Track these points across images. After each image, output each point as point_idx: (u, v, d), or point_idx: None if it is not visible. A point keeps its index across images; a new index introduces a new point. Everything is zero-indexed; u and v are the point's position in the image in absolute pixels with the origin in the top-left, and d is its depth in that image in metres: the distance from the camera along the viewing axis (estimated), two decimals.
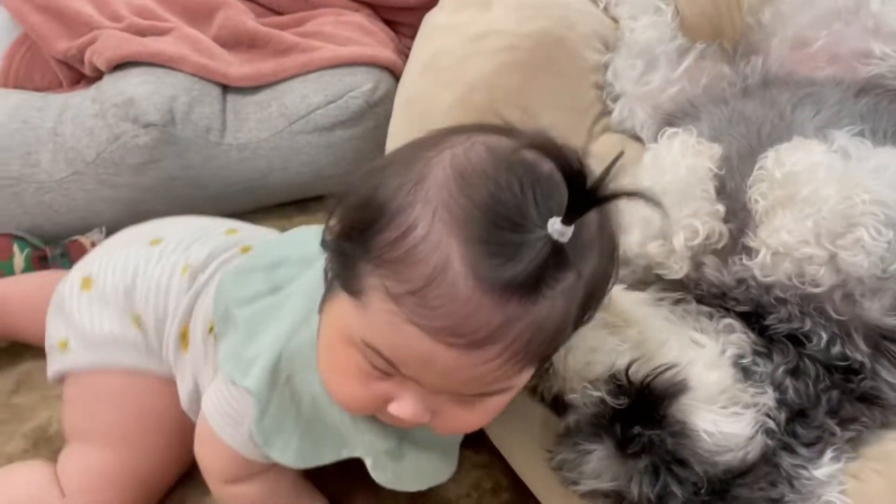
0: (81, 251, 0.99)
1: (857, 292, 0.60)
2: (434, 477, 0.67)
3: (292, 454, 0.62)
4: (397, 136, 0.91)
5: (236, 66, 1.10)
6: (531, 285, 0.45)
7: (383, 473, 0.64)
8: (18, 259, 0.96)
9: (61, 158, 1.02)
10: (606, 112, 0.94)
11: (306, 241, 0.65)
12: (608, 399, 0.59)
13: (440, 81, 0.87)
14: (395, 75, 1.08)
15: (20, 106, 1.06)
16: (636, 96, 0.93)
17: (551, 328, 0.48)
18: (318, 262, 0.59)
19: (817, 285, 0.60)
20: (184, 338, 0.71)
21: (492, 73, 0.85)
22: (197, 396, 0.70)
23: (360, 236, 0.49)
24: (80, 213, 1.03)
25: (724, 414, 0.57)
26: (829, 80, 0.80)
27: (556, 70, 0.90)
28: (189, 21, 1.17)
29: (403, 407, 0.52)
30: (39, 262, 0.98)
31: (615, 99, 0.95)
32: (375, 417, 0.59)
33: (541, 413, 0.69)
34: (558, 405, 0.65)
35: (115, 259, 0.76)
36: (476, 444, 0.76)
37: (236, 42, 1.14)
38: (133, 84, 1.03)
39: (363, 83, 1.08)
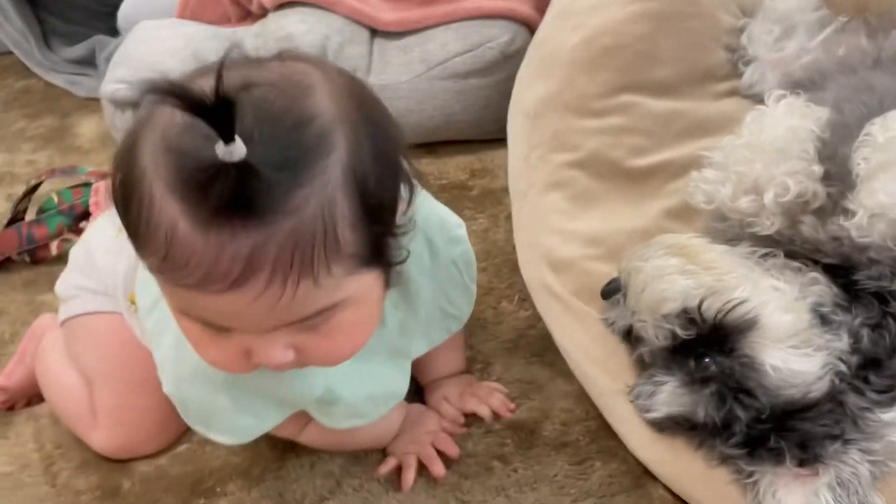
0: None
1: None
2: (381, 405, 0.70)
3: (236, 432, 0.67)
4: (523, 79, 0.97)
5: (386, 13, 1.18)
6: (244, 208, 0.45)
7: (328, 419, 0.68)
8: None
9: None
10: (737, 75, 0.95)
11: None
12: (680, 332, 0.63)
13: (569, 24, 0.91)
14: (532, 30, 1.13)
15: (195, 36, 1.19)
16: (769, 61, 0.94)
17: (311, 232, 0.47)
18: None
19: None
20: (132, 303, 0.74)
21: (622, 19, 0.89)
22: None
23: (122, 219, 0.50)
24: None
25: (793, 353, 0.60)
26: None
27: (687, 26, 0.92)
28: None
29: (261, 356, 0.53)
30: None
31: (747, 63, 0.95)
32: (294, 372, 0.60)
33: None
34: (630, 337, 0.69)
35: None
36: (570, 377, 0.82)
37: None
38: (292, 22, 1.14)
39: (500, 35, 1.13)
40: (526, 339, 0.89)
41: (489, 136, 1.16)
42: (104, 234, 0.77)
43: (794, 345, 0.61)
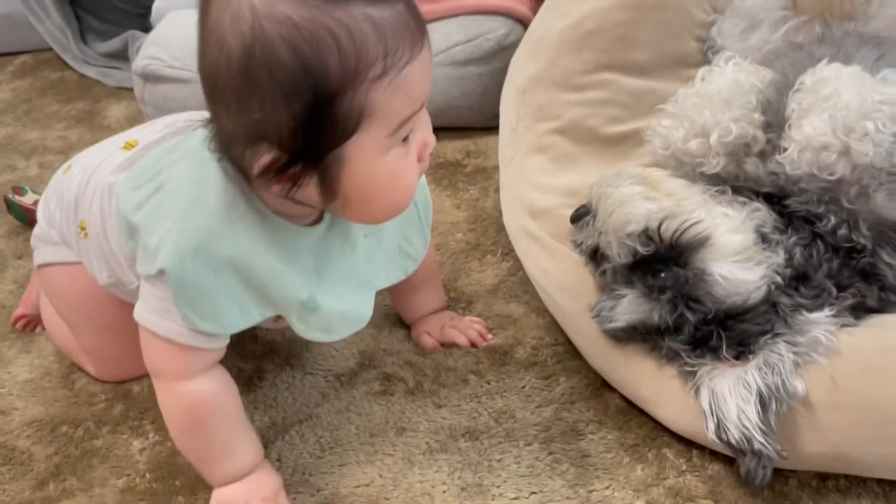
0: None
1: (871, 188, 0.69)
2: (349, 324, 0.73)
3: (221, 320, 0.66)
4: (516, 63, 1.08)
5: None
6: None
7: (304, 325, 0.70)
8: None
9: None
10: (706, 63, 1.06)
11: (184, 146, 0.69)
12: (640, 249, 0.72)
13: (558, 13, 1.03)
14: (526, 27, 1.24)
15: None
16: (734, 52, 1.04)
17: None
18: (185, 157, 0.66)
19: (832, 173, 0.69)
20: (82, 228, 0.77)
21: (605, 7, 1.00)
22: (115, 281, 0.77)
23: (331, 102, 0.56)
24: None
25: (738, 266, 0.69)
26: None
27: (663, 17, 1.03)
28: None
29: (428, 138, 0.63)
30: None
31: (716, 52, 1.06)
32: (294, 268, 0.66)
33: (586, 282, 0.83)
34: (596, 257, 0.78)
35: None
36: (543, 313, 0.90)
37: None
38: None
39: (498, 28, 1.25)
40: (506, 284, 0.97)
41: (485, 123, 1.27)
42: (55, 180, 0.84)
43: (739, 260, 0.70)
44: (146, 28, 1.63)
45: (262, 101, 0.55)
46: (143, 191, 0.67)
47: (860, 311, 0.70)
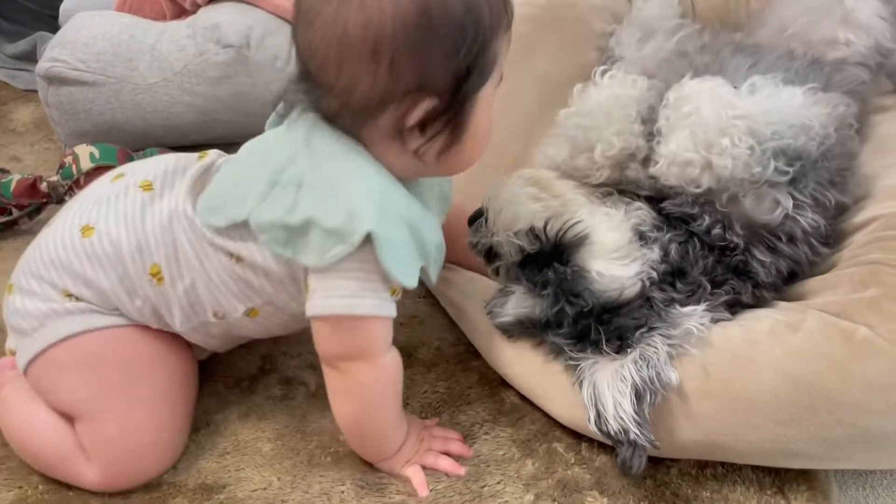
0: None
1: (740, 193, 0.73)
2: (441, 256, 0.74)
3: (414, 275, 0.68)
4: None
5: None
6: None
7: (434, 270, 0.73)
8: None
9: (155, 67, 1.24)
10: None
11: (277, 148, 0.70)
12: (527, 247, 0.74)
13: None
14: None
15: (130, 24, 1.29)
16: (631, 61, 1.08)
17: None
18: (297, 149, 0.67)
19: (699, 186, 0.73)
20: (154, 275, 0.72)
21: None
22: (206, 320, 0.73)
23: (485, 48, 0.64)
24: (162, 113, 1.25)
25: (614, 263, 0.72)
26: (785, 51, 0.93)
27: (564, 30, 1.06)
28: None
29: None
30: None
31: (614, 62, 1.10)
32: (425, 213, 0.70)
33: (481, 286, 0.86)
34: (490, 256, 0.81)
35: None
36: (447, 313, 0.92)
37: None
38: (221, 13, 1.25)
39: None
40: None
41: None
42: (72, 248, 0.72)
43: (615, 257, 0.73)
44: (56, 29, 1.59)
45: (435, 52, 0.62)
46: (280, 196, 0.66)
47: (736, 307, 0.74)
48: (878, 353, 0.65)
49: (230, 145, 1.30)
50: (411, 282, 0.67)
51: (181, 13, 1.38)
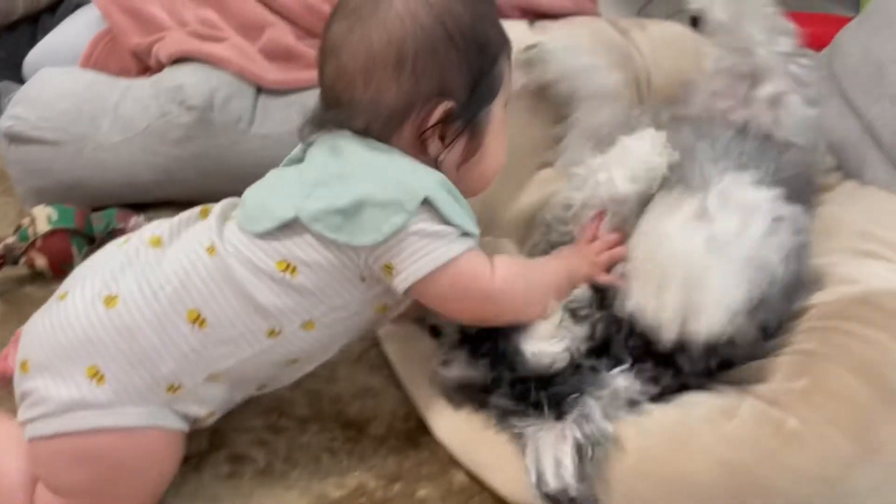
0: None
1: None
2: None
3: (474, 224, 0.75)
4: None
5: (272, 73, 1.32)
6: None
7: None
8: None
9: (118, 126, 1.25)
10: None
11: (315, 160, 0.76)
12: (467, 330, 0.79)
13: None
14: None
15: (93, 82, 1.30)
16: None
17: None
18: (330, 154, 0.73)
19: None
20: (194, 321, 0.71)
21: None
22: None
23: (493, 63, 0.76)
24: (124, 172, 1.25)
25: (545, 342, 0.76)
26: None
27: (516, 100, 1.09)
28: (243, 34, 1.40)
29: None
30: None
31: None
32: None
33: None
34: (434, 332, 0.85)
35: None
36: (401, 386, 0.93)
37: (277, 55, 1.36)
38: (184, 74, 1.27)
39: None
40: (369, 354, 0.99)
41: None
42: (101, 328, 0.71)
43: (545, 337, 0.76)
44: (22, 79, 1.60)
45: (451, 57, 0.72)
46: (325, 190, 0.71)
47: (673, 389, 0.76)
48: (805, 445, 0.67)
49: (191, 203, 1.32)
50: (475, 228, 0.73)
51: (146, 70, 1.39)
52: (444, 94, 0.73)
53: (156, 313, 0.71)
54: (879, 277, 0.81)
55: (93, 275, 0.75)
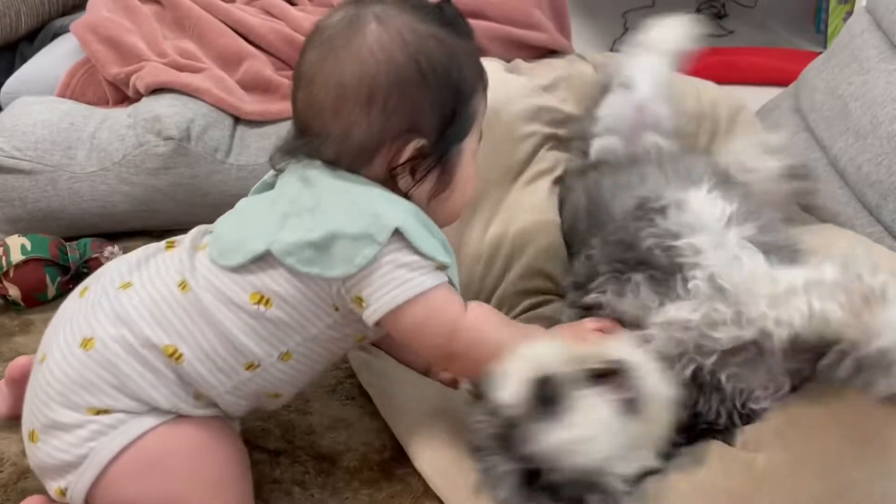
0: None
1: None
2: None
3: (446, 254, 0.73)
4: None
5: (249, 104, 1.33)
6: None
7: (455, 277, 0.75)
8: (51, 289, 1.13)
9: (94, 156, 1.25)
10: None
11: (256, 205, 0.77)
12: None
13: None
14: None
15: (70, 111, 1.30)
16: None
17: None
18: (303, 185, 0.72)
19: None
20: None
21: None
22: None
23: (466, 101, 0.74)
24: (100, 202, 1.25)
25: None
26: None
27: (491, 134, 1.11)
28: (221, 65, 1.42)
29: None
30: (67, 285, 1.13)
31: None
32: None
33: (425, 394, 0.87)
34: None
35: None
36: (375, 417, 0.93)
37: (255, 86, 1.38)
38: (162, 105, 1.27)
39: None
40: (343, 386, 0.99)
41: None
42: (109, 358, 0.71)
43: None
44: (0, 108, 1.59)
45: (423, 96, 0.71)
46: (297, 222, 0.70)
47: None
48: (777, 483, 0.67)
49: (166, 232, 1.32)
50: (446, 258, 0.72)
51: (124, 99, 1.40)
52: (414, 131, 0.72)
53: (133, 346, 0.71)
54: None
55: (63, 328, 0.75)
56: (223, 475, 0.75)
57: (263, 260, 0.71)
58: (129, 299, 0.73)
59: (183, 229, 1.27)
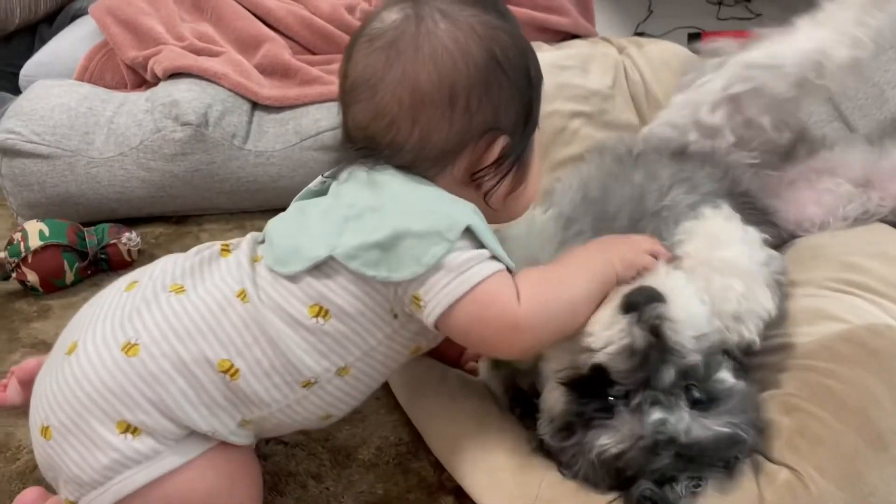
0: (118, 255, 1.16)
1: None
2: None
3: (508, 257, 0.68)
4: None
5: (267, 89, 1.32)
6: None
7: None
8: (69, 275, 1.13)
9: (112, 141, 1.24)
10: None
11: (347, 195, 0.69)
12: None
13: None
14: None
15: (88, 96, 1.30)
16: None
17: None
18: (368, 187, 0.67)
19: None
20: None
21: None
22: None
23: (538, 93, 0.72)
24: (117, 187, 1.24)
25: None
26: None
27: None
28: (239, 49, 1.41)
29: None
30: (85, 271, 1.15)
31: None
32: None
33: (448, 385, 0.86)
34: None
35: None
36: (391, 409, 0.92)
37: (273, 70, 1.37)
38: (180, 89, 1.26)
39: None
40: None
41: None
42: (132, 373, 0.66)
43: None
44: (20, 90, 1.59)
45: (504, 90, 0.68)
46: (359, 224, 0.66)
47: None
48: (799, 497, 0.65)
49: (184, 218, 1.32)
50: (510, 261, 0.67)
51: (142, 83, 1.39)
52: (498, 129, 0.68)
53: (185, 361, 0.66)
54: (861, 312, 0.79)
55: (101, 322, 0.69)
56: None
57: (321, 268, 0.67)
58: (184, 308, 0.68)
59: (200, 215, 1.31)
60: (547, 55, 1.23)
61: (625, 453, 0.66)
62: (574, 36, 1.43)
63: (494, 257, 0.67)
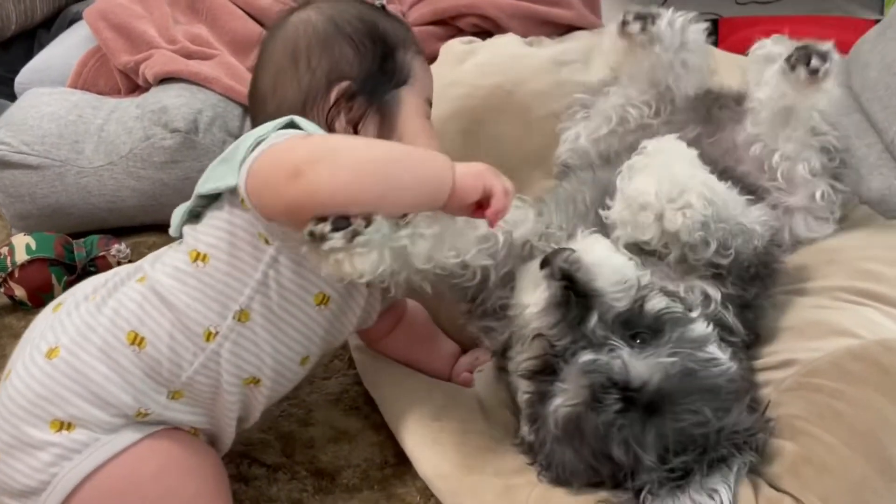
0: (107, 268, 1.09)
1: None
2: None
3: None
4: None
5: None
6: None
7: None
8: (58, 289, 1.10)
9: (101, 150, 1.21)
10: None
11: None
12: None
13: None
14: None
15: (79, 103, 1.27)
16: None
17: None
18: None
19: (645, 237, 0.72)
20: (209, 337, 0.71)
21: (447, 112, 1.00)
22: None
23: (391, 51, 0.80)
24: (108, 196, 1.22)
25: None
26: None
27: (502, 118, 1.04)
28: (234, 50, 1.37)
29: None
30: (74, 284, 1.09)
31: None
32: None
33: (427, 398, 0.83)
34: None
35: None
36: (378, 429, 0.89)
37: None
38: (169, 95, 1.23)
39: None
40: (349, 394, 0.95)
41: None
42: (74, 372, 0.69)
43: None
44: (13, 95, 1.58)
45: (343, 43, 0.78)
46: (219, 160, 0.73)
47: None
48: None
49: None
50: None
51: (136, 88, 1.36)
52: (341, 76, 0.77)
53: (100, 348, 0.69)
54: (875, 326, 0.74)
55: (29, 343, 0.73)
56: (199, 492, 0.72)
57: (196, 217, 0.74)
58: (100, 310, 0.72)
59: None
60: (545, 51, 1.17)
61: (577, 410, 0.64)
62: (579, 27, 1.37)
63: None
